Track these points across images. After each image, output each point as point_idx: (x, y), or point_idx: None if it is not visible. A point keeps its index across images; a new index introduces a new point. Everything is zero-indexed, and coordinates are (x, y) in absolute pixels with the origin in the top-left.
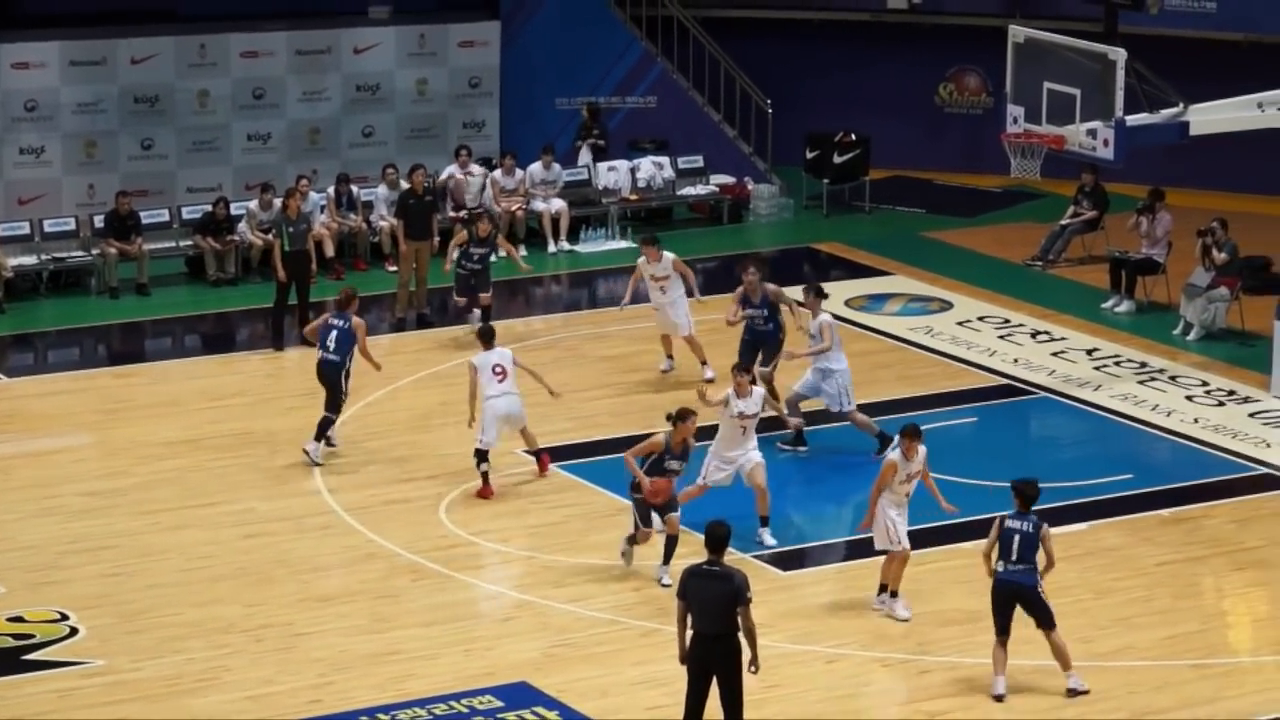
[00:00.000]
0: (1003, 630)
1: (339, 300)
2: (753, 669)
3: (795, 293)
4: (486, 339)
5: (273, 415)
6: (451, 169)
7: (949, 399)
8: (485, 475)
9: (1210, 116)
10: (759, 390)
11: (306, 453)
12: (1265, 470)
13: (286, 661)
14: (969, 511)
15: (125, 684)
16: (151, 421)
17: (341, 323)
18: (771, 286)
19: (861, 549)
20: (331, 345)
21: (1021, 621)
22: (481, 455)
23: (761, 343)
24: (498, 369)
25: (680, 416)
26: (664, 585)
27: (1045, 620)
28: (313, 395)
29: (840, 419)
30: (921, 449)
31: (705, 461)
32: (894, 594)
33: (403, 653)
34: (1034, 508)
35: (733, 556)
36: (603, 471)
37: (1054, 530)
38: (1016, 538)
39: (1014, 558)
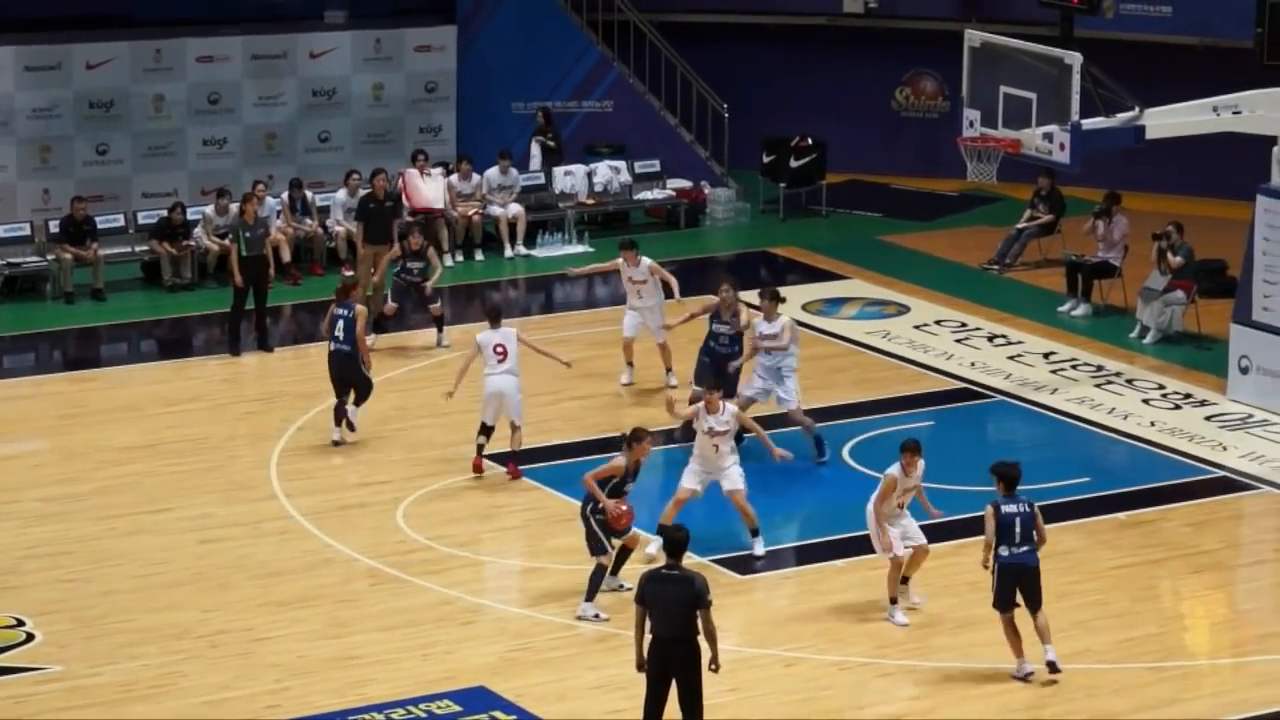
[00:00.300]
0: (1009, 608)
1: (340, 289)
2: (713, 668)
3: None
4: (494, 317)
5: (230, 420)
6: (410, 173)
7: (906, 403)
8: (480, 448)
9: (1166, 120)
10: (730, 407)
11: (346, 415)
12: (1222, 473)
13: (244, 667)
14: (926, 515)
15: (81, 690)
16: (108, 427)
17: (346, 311)
18: (742, 305)
19: (817, 553)
20: (341, 335)
21: (986, 624)
22: (483, 429)
23: (721, 370)
24: (499, 348)
25: (635, 438)
26: (624, 589)
27: (1038, 601)
28: (269, 400)
29: (788, 423)
30: (920, 463)
31: (685, 470)
32: (893, 600)
33: (361, 657)
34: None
35: (690, 560)
36: (559, 476)
37: None
38: (1017, 520)
39: (1018, 540)
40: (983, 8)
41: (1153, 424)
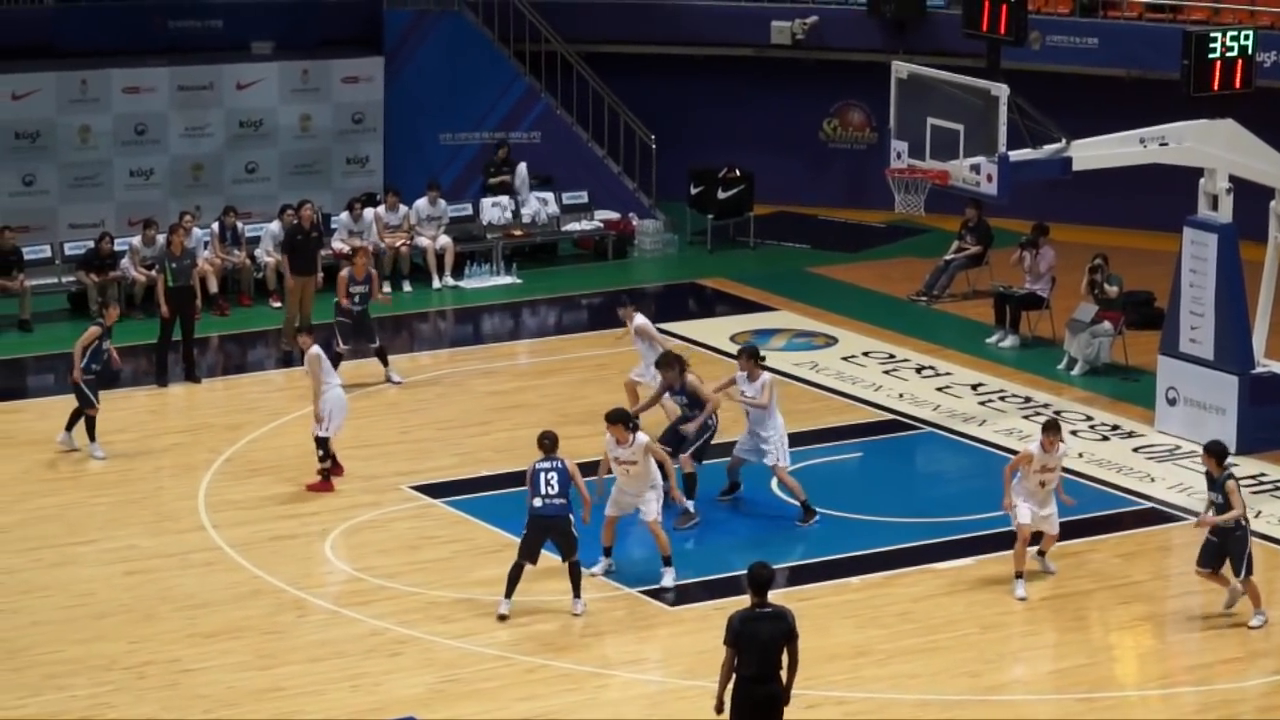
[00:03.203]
0: None
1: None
2: (785, 700)
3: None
4: (310, 331)
5: (157, 452)
6: (378, 211)
7: (834, 434)
8: (326, 471)
9: (1093, 152)
10: (642, 438)
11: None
12: (1150, 504)
13: (171, 698)
14: (855, 546)
15: None
16: (34, 458)
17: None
18: (690, 378)
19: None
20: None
21: (916, 655)
22: (326, 444)
23: (673, 429)
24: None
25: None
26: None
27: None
28: (196, 432)
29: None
30: (1063, 446)
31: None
32: (1019, 575)
33: (289, 689)
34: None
35: (620, 591)
36: (488, 507)
37: (940, 565)
38: None
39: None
40: (909, 39)
41: (1081, 455)
